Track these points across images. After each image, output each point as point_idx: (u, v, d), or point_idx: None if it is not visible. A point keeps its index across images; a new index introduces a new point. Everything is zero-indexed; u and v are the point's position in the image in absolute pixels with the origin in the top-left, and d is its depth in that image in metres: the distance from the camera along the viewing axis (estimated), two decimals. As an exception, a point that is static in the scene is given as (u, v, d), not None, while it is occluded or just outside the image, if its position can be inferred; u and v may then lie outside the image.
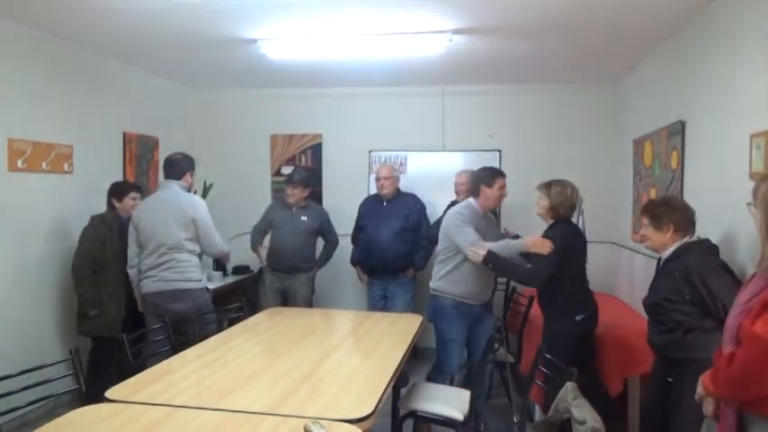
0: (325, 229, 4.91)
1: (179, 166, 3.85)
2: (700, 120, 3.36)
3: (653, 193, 4.05)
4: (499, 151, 5.45)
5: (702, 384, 1.98)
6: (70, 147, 4.22)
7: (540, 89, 5.44)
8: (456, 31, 3.78)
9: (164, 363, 2.72)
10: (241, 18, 3.61)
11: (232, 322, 3.74)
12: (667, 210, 2.78)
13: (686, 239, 2.72)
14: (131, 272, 3.82)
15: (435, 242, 4.79)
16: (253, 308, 4.10)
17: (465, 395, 3.13)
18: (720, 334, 1.97)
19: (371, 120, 5.72)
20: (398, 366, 2.73)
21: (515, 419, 2.71)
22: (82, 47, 4.31)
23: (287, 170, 5.84)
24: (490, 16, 3.50)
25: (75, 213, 4.08)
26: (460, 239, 3.54)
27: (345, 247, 5.18)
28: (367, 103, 5.73)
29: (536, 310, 3.69)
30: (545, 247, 3.27)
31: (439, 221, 4.72)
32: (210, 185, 5.68)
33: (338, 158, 5.78)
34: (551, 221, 3.42)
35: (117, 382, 2.42)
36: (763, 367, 1.70)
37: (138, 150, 5.03)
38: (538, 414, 3.62)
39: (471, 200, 3.74)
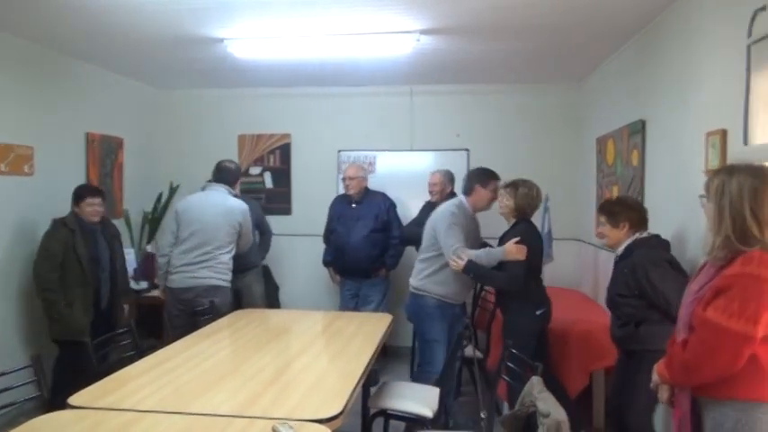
0: (260, 222, 4.86)
1: (234, 175, 4.17)
2: (659, 119, 3.45)
3: (615, 191, 4.14)
4: (467, 150, 5.50)
5: (657, 372, 2.05)
6: (31, 148, 4.11)
7: (506, 89, 5.50)
8: (423, 32, 3.80)
9: (128, 367, 2.68)
10: (208, 17, 3.57)
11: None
12: (623, 208, 2.92)
13: (637, 236, 2.82)
14: (162, 260, 4.01)
15: (407, 242, 4.83)
16: (217, 310, 4.05)
17: (434, 392, 3.15)
18: (667, 326, 2.05)
19: (340, 120, 5.72)
20: (368, 365, 2.73)
21: (482, 415, 2.74)
22: (43, 45, 4.21)
23: (255, 171, 5.82)
24: (457, 17, 3.53)
25: (38, 216, 3.99)
26: (445, 241, 3.49)
27: (317, 247, 5.17)
28: (336, 103, 5.72)
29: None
30: (521, 253, 3.29)
31: (414, 222, 4.73)
32: (177, 186, 5.60)
33: (307, 158, 5.76)
34: (513, 221, 3.48)
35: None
36: (715, 351, 1.77)
37: (102, 151, 4.93)
38: (506, 410, 3.67)
39: (463, 198, 3.70)
